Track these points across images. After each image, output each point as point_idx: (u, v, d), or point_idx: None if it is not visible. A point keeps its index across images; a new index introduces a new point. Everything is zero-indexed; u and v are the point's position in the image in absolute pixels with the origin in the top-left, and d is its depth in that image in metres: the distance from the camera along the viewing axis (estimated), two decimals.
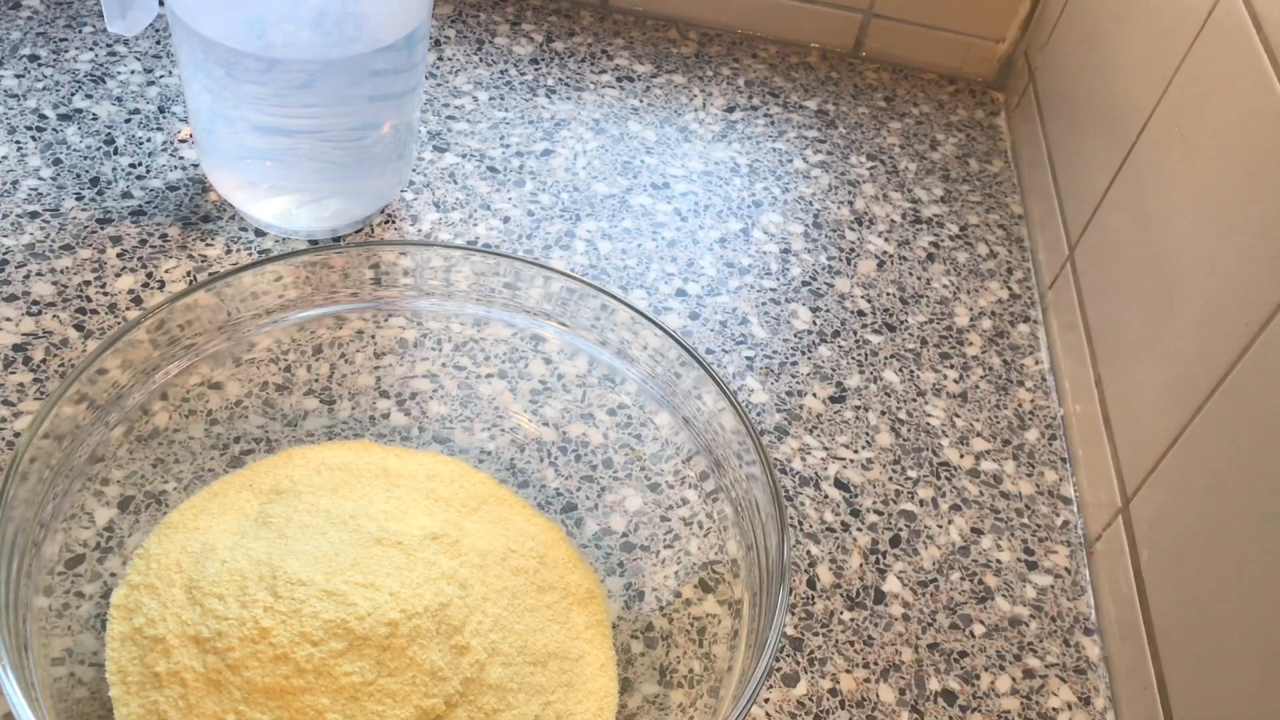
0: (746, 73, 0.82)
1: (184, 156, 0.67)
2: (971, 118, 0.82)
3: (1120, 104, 0.63)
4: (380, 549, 0.45)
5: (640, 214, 0.69)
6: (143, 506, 0.48)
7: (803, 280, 0.68)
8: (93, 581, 0.45)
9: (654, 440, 0.53)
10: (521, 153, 0.72)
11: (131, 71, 0.71)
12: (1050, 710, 0.51)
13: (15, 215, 0.61)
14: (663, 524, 0.51)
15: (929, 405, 0.63)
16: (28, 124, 0.67)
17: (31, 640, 0.41)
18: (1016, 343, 0.67)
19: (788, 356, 0.63)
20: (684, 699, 0.46)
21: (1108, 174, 0.63)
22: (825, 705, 0.50)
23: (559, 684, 0.45)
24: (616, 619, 0.49)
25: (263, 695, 0.40)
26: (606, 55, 0.81)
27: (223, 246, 0.62)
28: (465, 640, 0.43)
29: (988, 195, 0.76)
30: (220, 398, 0.52)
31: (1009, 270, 0.71)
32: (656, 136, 0.75)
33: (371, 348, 0.56)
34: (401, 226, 0.65)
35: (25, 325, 0.57)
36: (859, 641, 0.52)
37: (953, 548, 0.56)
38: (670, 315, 0.64)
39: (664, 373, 0.51)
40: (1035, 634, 0.54)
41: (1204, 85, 0.54)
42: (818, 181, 0.74)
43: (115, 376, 0.46)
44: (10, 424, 0.53)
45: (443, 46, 0.78)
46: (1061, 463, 0.61)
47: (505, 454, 0.54)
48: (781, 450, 0.59)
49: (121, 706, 0.41)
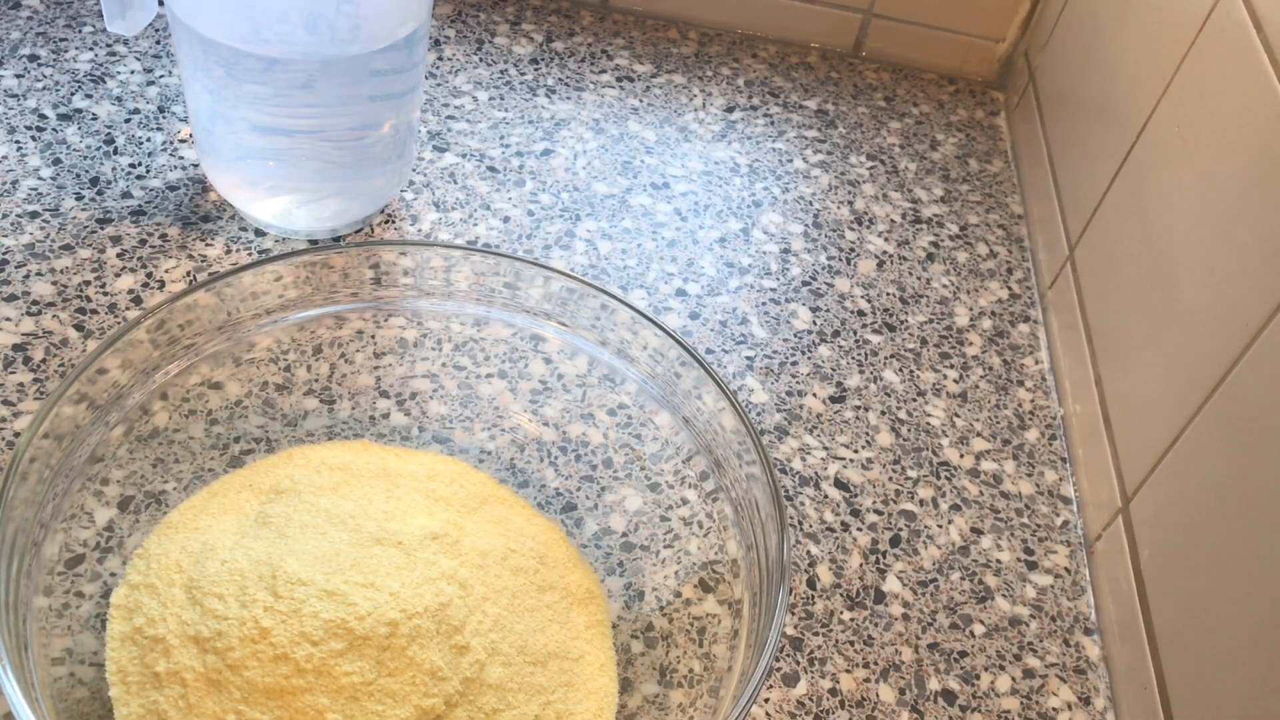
0: (746, 73, 0.82)
1: (184, 156, 0.67)
2: (971, 118, 0.82)
3: (1120, 104, 0.63)
4: (380, 549, 0.45)
5: (640, 214, 0.69)
6: (143, 506, 0.48)
7: (803, 280, 0.68)
8: (93, 581, 0.45)
9: (654, 440, 0.53)
10: (521, 153, 0.72)
11: (131, 71, 0.71)
12: (1050, 710, 0.51)
13: (15, 215, 0.61)
14: (663, 524, 0.51)
15: (929, 405, 0.63)
16: (28, 124, 0.67)
17: (31, 640, 0.41)
18: (1016, 343, 0.67)
19: (788, 356, 0.63)
20: (684, 699, 0.46)
21: (1108, 174, 0.63)
22: (825, 705, 0.50)
23: (559, 684, 0.45)
24: (616, 619, 0.49)
25: (263, 695, 0.40)
26: (606, 55, 0.81)
27: (223, 246, 0.62)
28: (465, 640, 0.43)
29: (988, 195, 0.76)
30: (220, 398, 0.52)
31: (1009, 270, 0.71)
32: (656, 136, 0.75)
33: (371, 348, 0.56)
34: (401, 226, 0.65)
35: (25, 325, 0.57)
36: (859, 641, 0.52)
37: (953, 548, 0.56)
38: (670, 315, 0.64)
39: (664, 373, 0.51)
40: (1035, 634, 0.54)
41: (1204, 85, 0.54)
42: (818, 181, 0.74)
43: (115, 376, 0.46)
44: (10, 424, 0.53)
45: (443, 46, 0.78)
46: (1061, 463, 0.61)
47: (505, 454, 0.54)
48: (781, 450, 0.59)
49: (121, 706, 0.41)
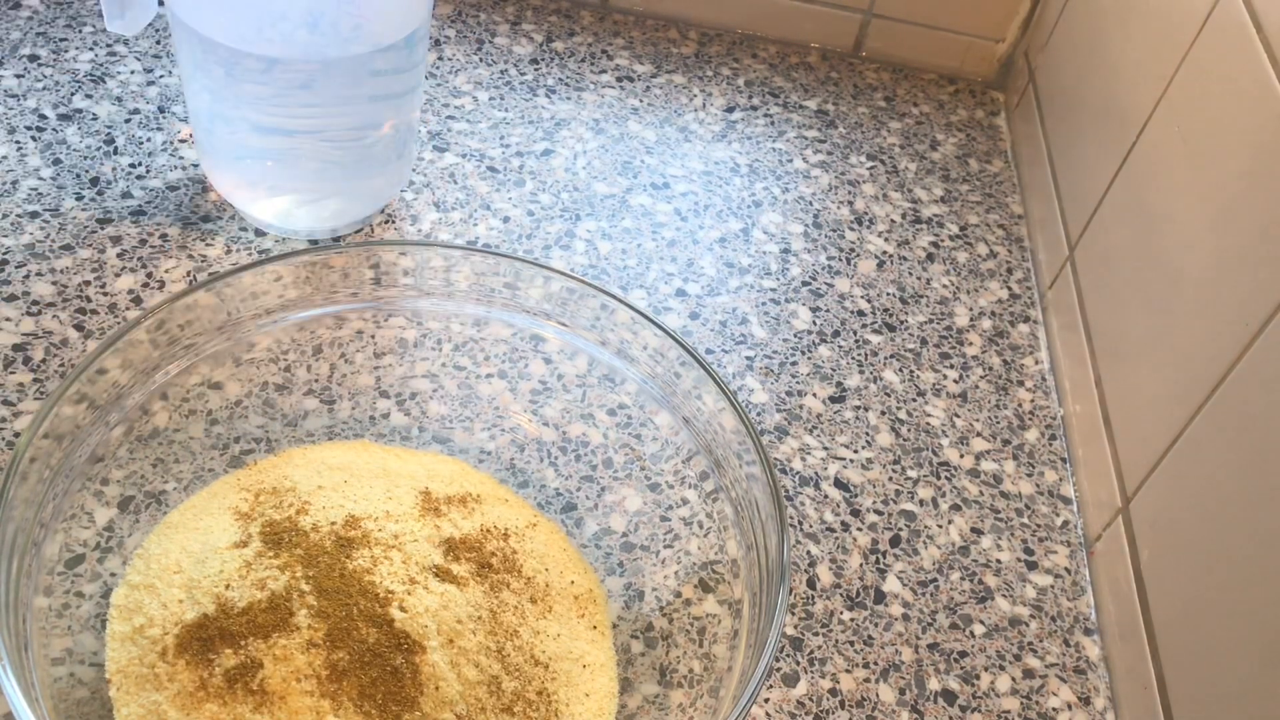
0: (746, 73, 0.82)
1: (184, 156, 0.67)
2: (971, 118, 0.82)
3: (1120, 104, 0.63)
4: (380, 550, 0.45)
5: (640, 214, 0.69)
6: (143, 506, 0.48)
7: (803, 280, 0.68)
8: (93, 581, 0.45)
9: (654, 440, 0.53)
10: (521, 153, 0.72)
11: (131, 71, 0.71)
12: (1050, 710, 0.51)
13: (15, 215, 0.61)
14: (663, 524, 0.51)
15: (929, 405, 0.63)
16: (28, 124, 0.67)
17: (31, 640, 0.41)
18: (1016, 343, 0.67)
19: (788, 356, 0.63)
20: (684, 699, 0.46)
21: (1108, 174, 0.63)
22: (825, 705, 0.50)
23: (559, 684, 0.45)
24: (616, 619, 0.49)
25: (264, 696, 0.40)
26: (606, 55, 0.81)
27: (223, 246, 0.62)
28: (465, 642, 0.43)
29: (988, 195, 0.76)
30: (220, 398, 0.52)
31: (1009, 270, 0.71)
32: (656, 136, 0.75)
33: (371, 348, 0.56)
34: (401, 226, 0.65)
35: (25, 325, 0.57)
36: (859, 641, 0.52)
37: (953, 548, 0.56)
38: (670, 315, 0.64)
39: (664, 373, 0.51)
40: (1035, 634, 0.54)
41: (1204, 85, 0.54)
42: (818, 181, 0.74)
43: (115, 376, 0.46)
44: (10, 424, 0.53)
45: (443, 46, 0.78)
46: (1061, 463, 0.61)
47: (505, 454, 0.54)
48: (781, 450, 0.59)
49: (121, 706, 0.41)
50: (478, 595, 0.45)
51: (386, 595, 0.43)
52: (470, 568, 0.45)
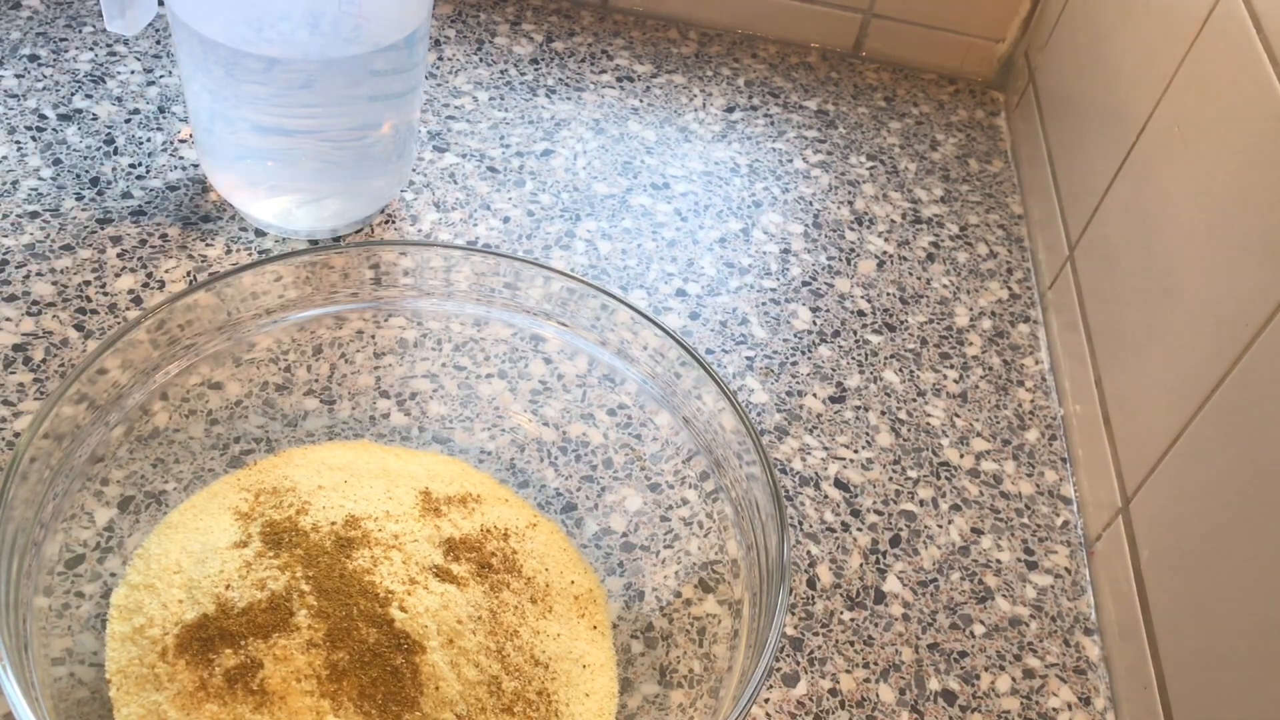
0: (746, 73, 0.82)
1: (184, 156, 0.67)
2: (971, 118, 0.82)
3: (1120, 104, 0.63)
4: (380, 550, 0.45)
5: (640, 214, 0.70)
6: (143, 506, 0.48)
7: (803, 280, 0.68)
8: (93, 581, 0.45)
9: (654, 440, 0.53)
10: (521, 153, 0.72)
11: (131, 71, 0.71)
12: (1050, 710, 0.51)
13: (15, 215, 0.61)
14: (663, 524, 0.51)
15: (929, 405, 0.63)
16: (28, 124, 0.67)
17: (31, 640, 0.41)
18: (1016, 343, 0.67)
19: (788, 356, 0.63)
20: (684, 699, 0.46)
21: (1108, 174, 0.63)
22: (825, 705, 0.50)
23: (559, 684, 0.45)
24: (616, 619, 0.49)
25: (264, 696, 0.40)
26: (606, 55, 0.81)
27: (223, 246, 0.62)
28: (465, 642, 0.43)
29: (988, 195, 0.76)
30: (220, 398, 0.52)
31: (1009, 270, 0.71)
32: (656, 136, 0.75)
33: (371, 348, 0.56)
34: (401, 226, 0.65)
35: (25, 325, 0.57)
36: (859, 641, 0.52)
37: (953, 548, 0.56)
38: (670, 315, 0.64)
39: (664, 373, 0.51)
40: (1035, 634, 0.54)
41: (1204, 85, 0.54)
42: (818, 181, 0.74)
43: (115, 376, 0.46)
44: (10, 424, 0.53)
45: (443, 46, 0.78)
46: (1061, 463, 0.61)
47: (505, 454, 0.54)
48: (781, 450, 0.59)
49: (121, 706, 0.41)
50: (478, 595, 0.45)
51: (386, 595, 0.43)
52: (470, 568, 0.45)
